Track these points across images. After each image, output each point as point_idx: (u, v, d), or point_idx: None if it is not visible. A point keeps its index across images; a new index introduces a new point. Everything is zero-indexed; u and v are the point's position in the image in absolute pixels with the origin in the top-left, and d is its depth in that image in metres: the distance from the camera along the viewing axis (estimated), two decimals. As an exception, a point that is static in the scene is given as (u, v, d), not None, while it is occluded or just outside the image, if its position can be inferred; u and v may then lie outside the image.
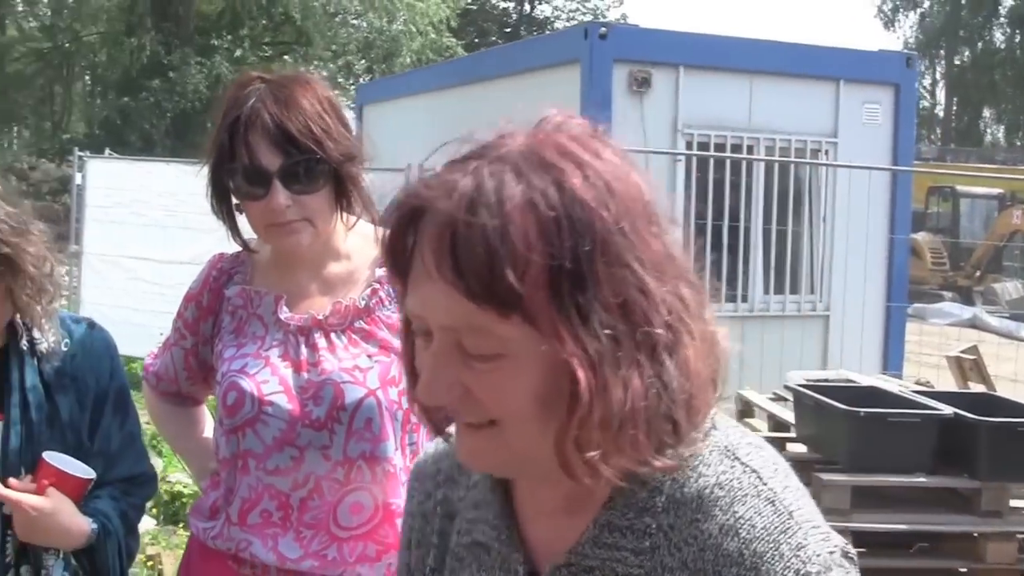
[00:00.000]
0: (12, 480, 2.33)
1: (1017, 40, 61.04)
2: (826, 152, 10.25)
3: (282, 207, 2.34)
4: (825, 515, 4.22)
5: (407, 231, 1.23)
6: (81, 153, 13.30)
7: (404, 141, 12.24)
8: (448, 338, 1.21)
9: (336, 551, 2.41)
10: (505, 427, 1.22)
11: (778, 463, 1.32)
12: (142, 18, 30.67)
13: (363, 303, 2.46)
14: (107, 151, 14.94)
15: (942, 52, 63.42)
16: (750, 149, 9.97)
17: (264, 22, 33.84)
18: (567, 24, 47.39)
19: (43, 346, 2.44)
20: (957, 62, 63.37)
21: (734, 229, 9.81)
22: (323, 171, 2.36)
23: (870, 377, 7.55)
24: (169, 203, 11.80)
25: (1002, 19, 61.58)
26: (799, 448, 5.87)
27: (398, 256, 1.24)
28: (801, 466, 5.59)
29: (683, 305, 1.23)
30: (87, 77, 40.01)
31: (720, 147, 9.80)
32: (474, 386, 1.21)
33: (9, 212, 2.30)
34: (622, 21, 44.11)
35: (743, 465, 1.29)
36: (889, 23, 64.73)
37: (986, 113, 63.89)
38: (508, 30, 48.05)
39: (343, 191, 2.42)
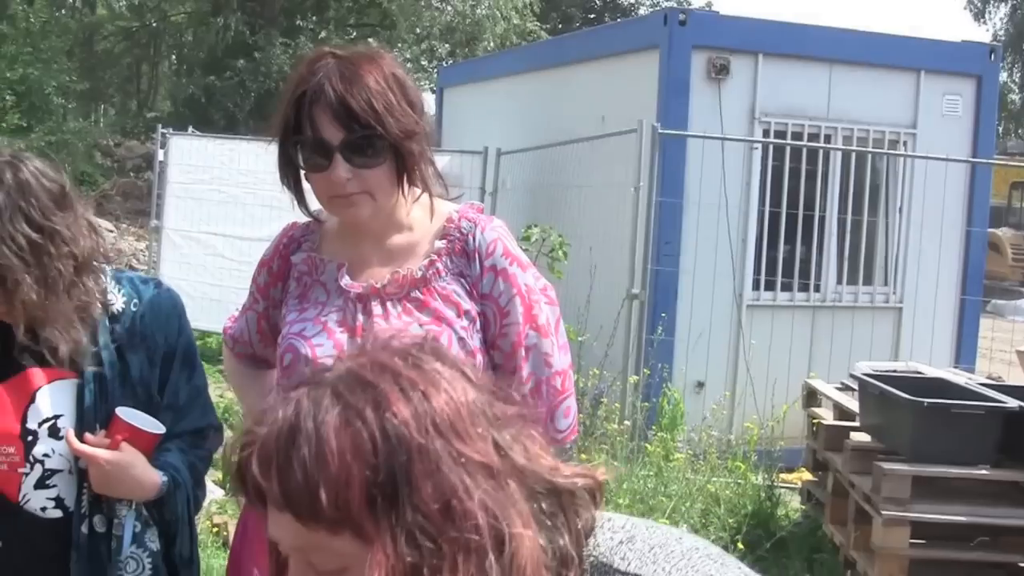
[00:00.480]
0: (88, 436, 2.44)
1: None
2: (904, 143, 10.15)
3: (343, 180, 2.43)
4: (884, 504, 4.28)
5: (247, 466, 1.28)
6: (164, 130, 13.52)
7: (484, 124, 12.40)
8: (300, 558, 1.29)
9: None
10: None
11: (655, 544, 1.38)
12: (229, -2, 30.99)
13: (420, 274, 2.54)
14: (190, 129, 15.17)
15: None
16: (828, 138, 9.90)
17: (349, 4, 34.01)
18: (651, 10, 47.20)
19: (115, 307, 2.55)
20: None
21: (809, 218, 9.76)
22: (383, 146, 2.43)
23: (938, 370, 7.51)
24: (249, 181, 11.99)
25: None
26: (862, 437, 5.88)
27: (250, 491, 1.30)
28: (863, 455, 5.61)
29: (513, 501, 1.28)
30: (173, 56, 40.52)
31: (797, 136, 9.75)
32: None
33: (26, 237, 2.35)
34: (707, 8, 43.82)
35: (623, 574, 1.35)
36: (979, 15, 63.65)
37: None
38: (592, 16, 47.89)
39: (404, 166, 2.49)
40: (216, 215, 12.28)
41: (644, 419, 8.08)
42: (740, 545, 6.18)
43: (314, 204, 2.64)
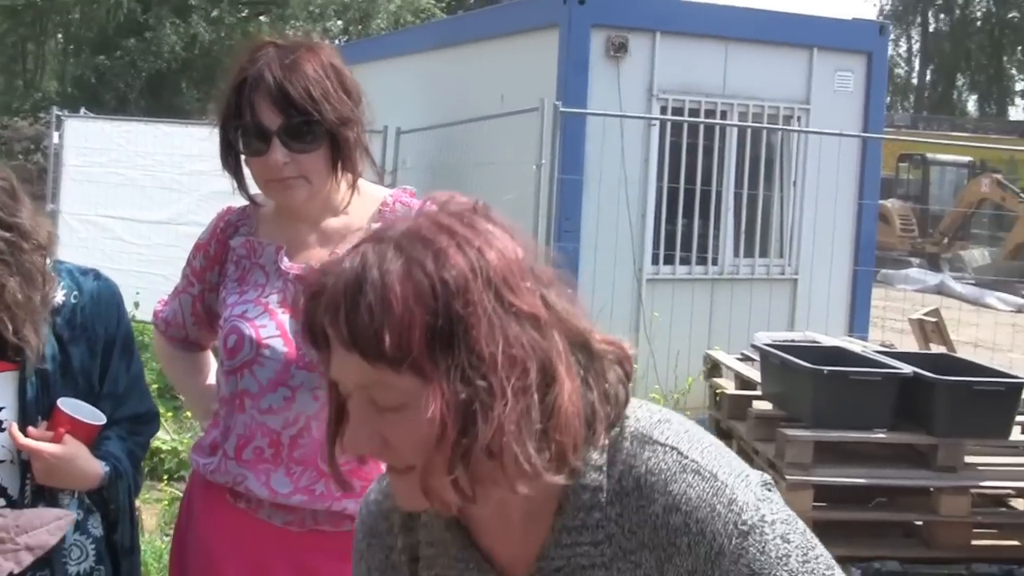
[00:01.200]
0: (31, 429, 2.47)
1: (994, 9, 61.25)
2: (798, 118, 10.40)
3: (279, 163, 2.51)
4: (788, 469, 4.47)
5: (314, 312, 1.43)
6: (59, 112, 13.32)
7: (382, 103, 12.37)
8: (363, 396, 1.42)
9: (324, 486, 2.57)
10: (420, 470, 1.42)
11: (688, 428, 1.53)
12: (119, -24, 30.41)
13: None
14: (82, 110, 14.96)
15: (920, 18, 63.56)
16: (724, 115, 10.10)
17: (241, -19, 33.64)
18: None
19: (56, 300, 2.58)
20: (933, 30, 63.51)
21: (706, 193, 9.96)
22: (320, 132, 2.52)
23: (834, 339, 7.73)
24: (148, 163, 11.90)
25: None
26: (764, 405, 6.06)
27: (314, 335, 1.44)
28: (766, 422, 5.79)
29: (557, 350, 1.42)
30: (60, 35, 39.69)
31: (694, 112, 9.93)
32: (390, 435, 1.42)
33: (2, 239, 2.41)
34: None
35: (662, 446, 1.49)
36: (866, -10, 64.84)
37: (960, 82, 64.11)
38: (485, -8, 47.88)
39: (339, 152, 2.57)
40: (114, 198, 12.16)
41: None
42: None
43: (253, 188, 2.71)
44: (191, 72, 31.28)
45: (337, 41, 30.63)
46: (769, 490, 1.49)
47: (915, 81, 65.66)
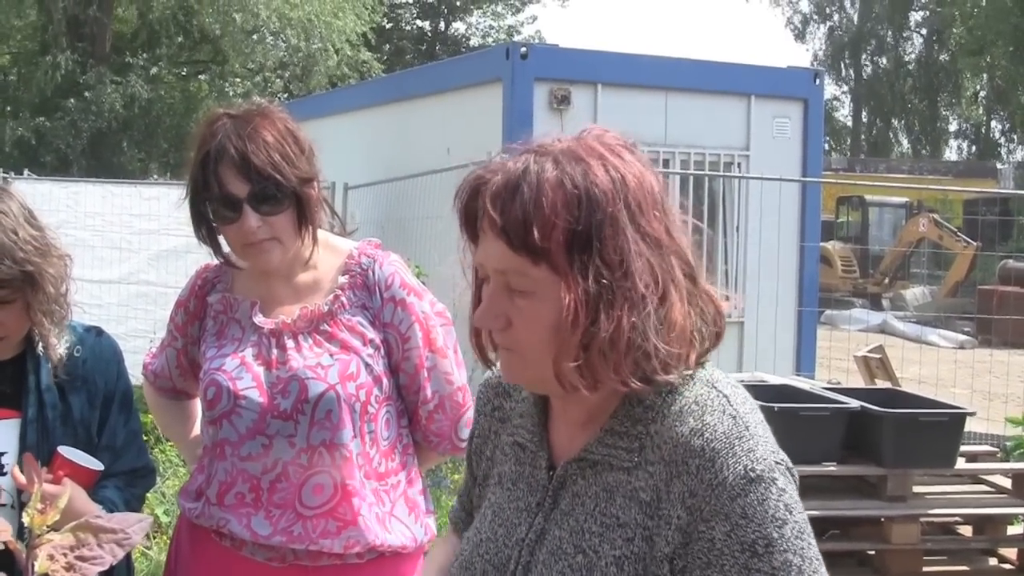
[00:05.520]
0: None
1: (924, 51, 62.34)
2: (739, 165, 10.62)
3: (253, 228, 2.66)
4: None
5: (474, 201, 1.70)
6: (4, 174, 13.32)
7: (330, 159, 12.49)
8: (500, 280, 1.69)
9: (301, 527, 2.70)
10: (526, 353, 1.70)
11: (748, 400, 1.74)
12: (57, 37, 30.32)
13: (326, 308, 2.77)
14: (26, 172, 14.96)
15: (853, 63, 64.51)
16: (666, 163, 10.28)
17: (180, 40, 33.68)
18: (482, 41, 47.66)
19: (57, 352, 2.71)
20: (868, 73, 64.44)
21: (652, 239, 10.10)
22: (286, 194, 2.68)
23: (783, 377, 7.90)
24: (96, 223, 11.92)
25: (911, 31, 62.92)
26: (718, 444, 6.18)
27: (469, 220, 1.73)
28: (720, 460, 5.93)
29: (672, 272, 1.68)
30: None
31: (637, 161, 10.09)
32: (514, 317, 1.69)
33: (33, 234, 2.57)
34: (535, 39, 44.43)
35: (718, 392, 1.71)
36: (799, 36, 65.80)
37: (895, 123, 65.04)
38: (423, 47, 48.19)
39: (304, 210, 2.72)
40: (63, 259, 12.13)
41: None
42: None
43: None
44: (131, 131, 31.29)
45: (278, 99, 30.67)
46: (791, 474, 1.67)
47: (850, 124, 66.57)
